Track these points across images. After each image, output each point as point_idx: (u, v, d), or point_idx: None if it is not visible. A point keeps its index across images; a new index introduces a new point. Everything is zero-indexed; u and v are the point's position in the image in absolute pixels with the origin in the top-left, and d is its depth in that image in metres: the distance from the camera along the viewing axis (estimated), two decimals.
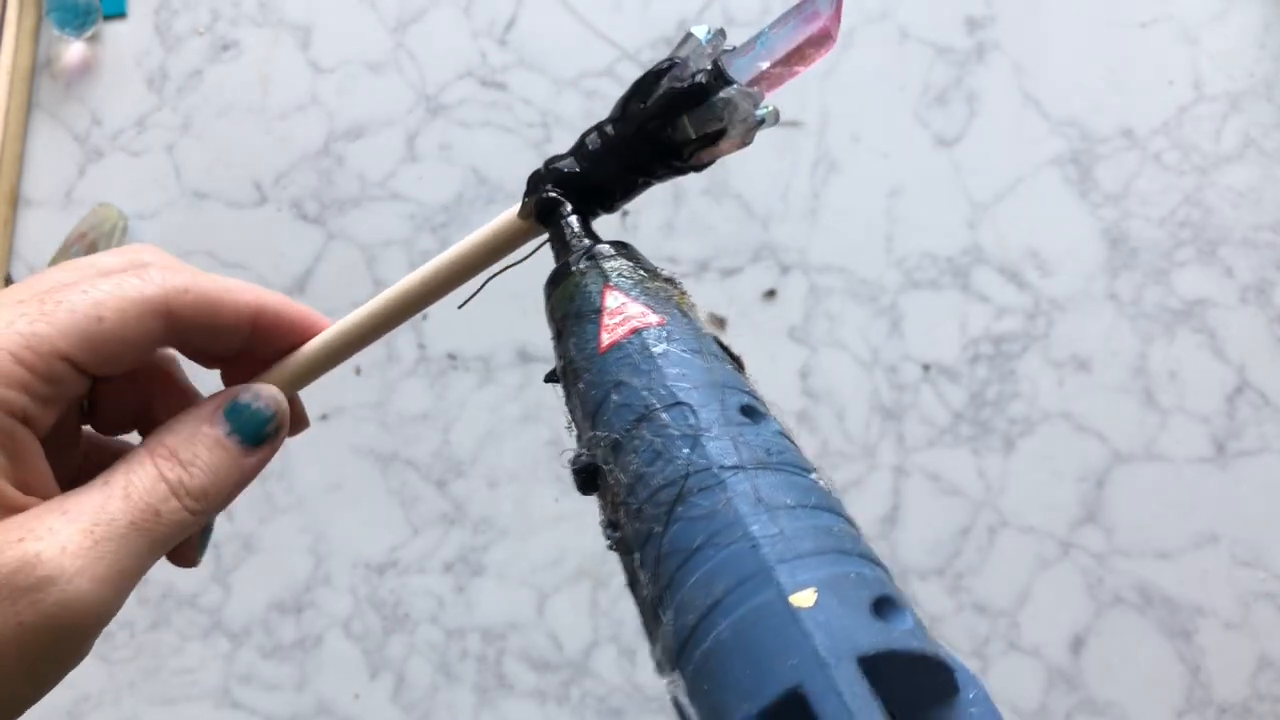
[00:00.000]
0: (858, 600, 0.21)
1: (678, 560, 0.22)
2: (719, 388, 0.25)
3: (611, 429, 0.25)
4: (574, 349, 0.27)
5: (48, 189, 0.75)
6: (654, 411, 0.25)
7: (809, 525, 0.22)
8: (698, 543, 0.22)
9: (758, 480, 0.23)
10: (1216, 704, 0.61)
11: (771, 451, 0.24)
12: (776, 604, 0.20)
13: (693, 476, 0.23)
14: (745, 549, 0.22)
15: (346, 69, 0.75)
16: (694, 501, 0.23)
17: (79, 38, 0.75)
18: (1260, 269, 0.66)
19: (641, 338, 0.26)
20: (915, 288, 0.68)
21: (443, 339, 0.70)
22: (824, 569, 0.21)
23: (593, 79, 0.73)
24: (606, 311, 0.27)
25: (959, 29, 0.72)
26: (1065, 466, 0.65)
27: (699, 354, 0.26)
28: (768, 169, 0.70)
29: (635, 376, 0.25)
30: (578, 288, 0.28)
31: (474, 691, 0.65)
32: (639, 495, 0.24)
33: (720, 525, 0.22)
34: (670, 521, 0.23)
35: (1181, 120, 0.69)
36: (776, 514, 0.22)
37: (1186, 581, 0.63)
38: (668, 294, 0.28)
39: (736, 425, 0.24)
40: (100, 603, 0.24)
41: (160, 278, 0.27)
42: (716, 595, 0.21)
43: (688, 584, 0.22)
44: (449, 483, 0.68)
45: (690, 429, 0.24)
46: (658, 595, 0.23)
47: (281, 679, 0.66)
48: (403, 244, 0.71)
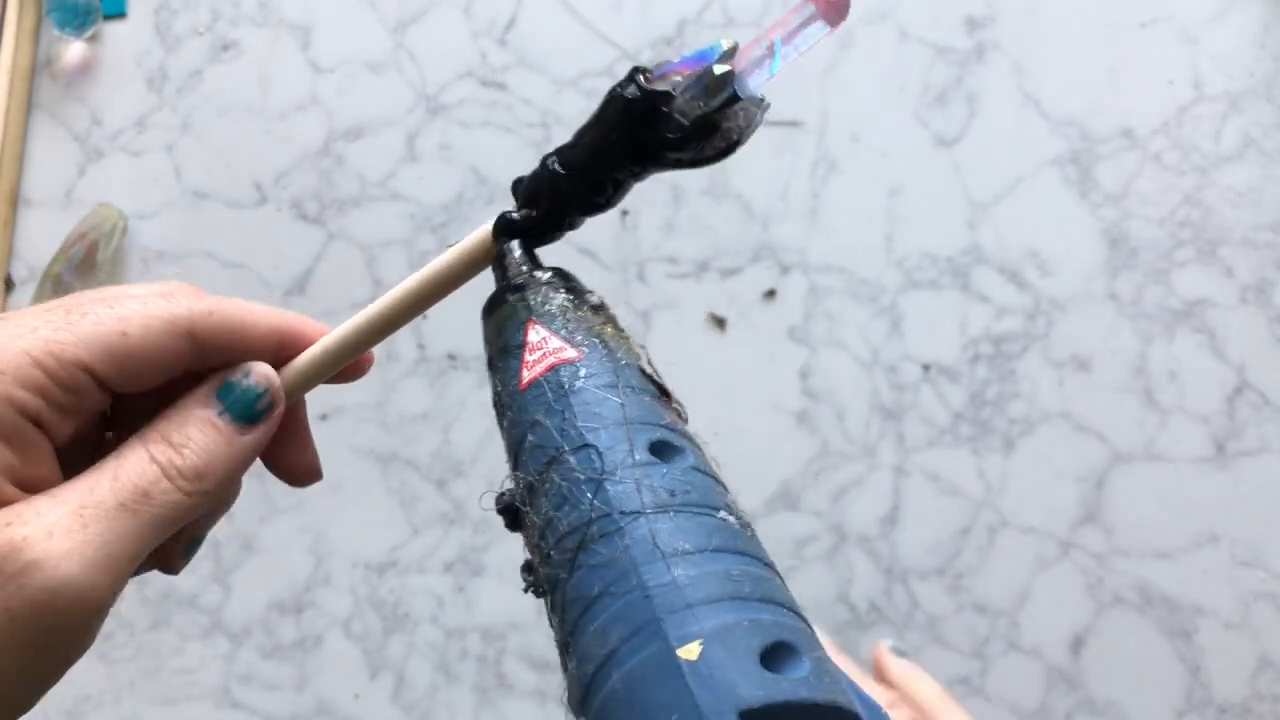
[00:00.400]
0: (746, 650, 0.21)
1: (580, 608, 0.23)
2: (629, 425, 0.25)
3: (527, 471, 0.26)
4: (500, 384, 0.28)
5: (48, 189, 0.75)
6: (563, 454, 0.25)
7: (705, 571, 0.22)
8: (596, 591, 0.22)
9: (657, 525, 0.23)
10: (1216, 704, 0.61)
11: (676, 492, 0.24)
12: (664, 656, 0.21)
13: (595, 523, 0.23)
14: (639, 599, 0.22)
15: (346, 69, 0.75)
16: (594, 549, 0.23)
17: (79, 38, 0.75)
18: (1260, 269, 0.66)
19: (557, 375, 0.26)
20: (915, 288, 0.68)
21: (443, 339, 0.70)
22: (715, 618, 0.21)
23: (593, 79, 0.73)
24: (528, 346, 0.27)
25: (959, 29, 0.72)
26: (1065, 466, 0.65)
27: (614, 389, 0.26)
28: (768, 169, 0.70)
29: (549, 416, 0.26)
30: (506, 320, 0.28)
31: (474, 691, 0.65)
32: (549, 540, 0.24)
33: (616, 574, 0.22)
34: (574, 568, 0.23)
35: (1181, 120, 0.69)
36: (673, 561, 0.22)
37: (1186, 581, 0.63)
38: (590, 325, 0.28)
39: (642, 466, 0.24)
40: (91, 587, 0.23)
41: (186, 301, 0.27)
42: (611, 645, 0.21)
43: (587, 632, 0.22)
44: (449, 483, 0.68)
45: (595, 472, 0.24)
46: (564, 641, 0.23)
47: (281, 679, 0.66)
48: (403, 244, 0.71)
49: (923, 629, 0.63)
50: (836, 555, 0.65)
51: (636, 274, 0.70)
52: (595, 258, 0.70)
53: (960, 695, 0.63)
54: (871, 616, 0.64)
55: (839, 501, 0.65)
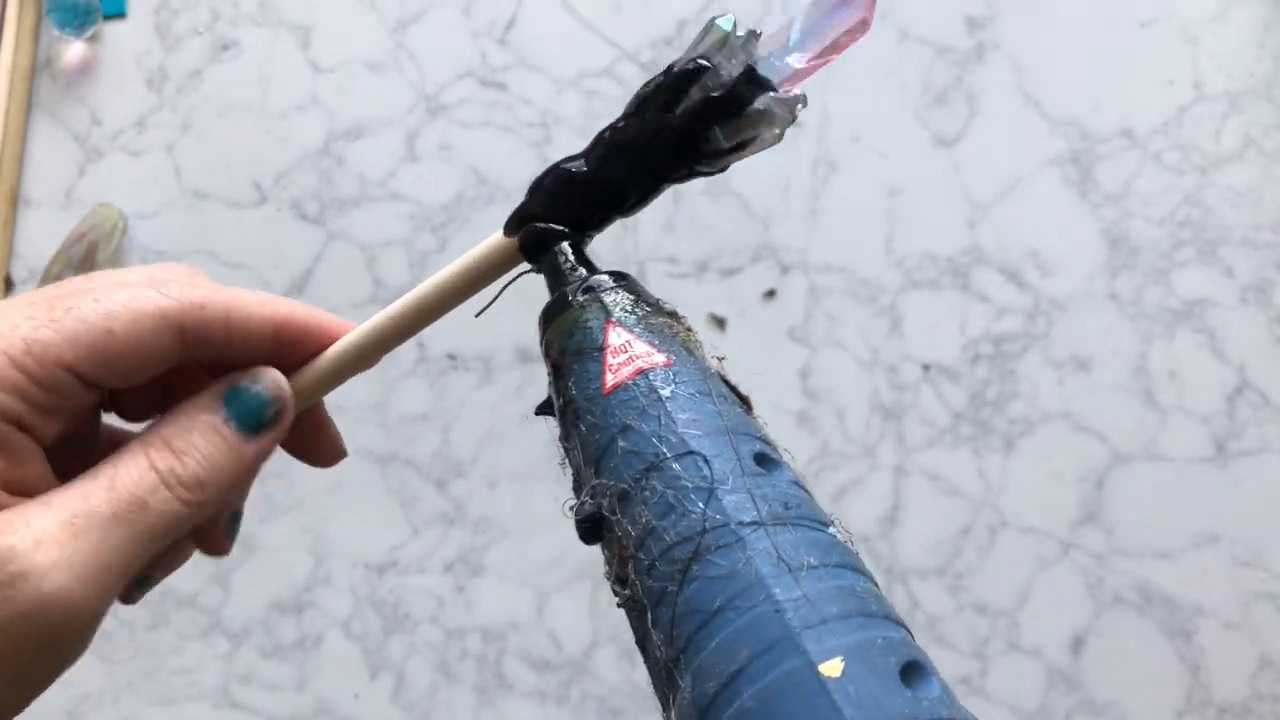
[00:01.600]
0: (886, 668, 0.20)
1: (696, 622, 0.21)
2: (731, 434, 0.24)
3: (619, 477, 0.24)
4: (574, 388, 0.26)
5: (48, 189, 0.75)
6: (664, 460, 0.23)
7: (832, 586, 0.21)
8: (717, 604, 0.21)
9: (778, 538, 0.22)
10: (1216, 704, 0.61)
11: (789, 505, 0.23)
12: (804, 673, 0.20)
13: (709, 533, 0.22)
14: (769, 613, 0.21)
15: (346, 69, 0.75)
16: (711, 560, 0.22)
17: (79, 37, 0.75)
18: (1260, 269, 0.66)
19: (648, 379, 0.25)
20: (915, 288, 0.68)
21: (443, 339, 0.70)
22: (851, 635, 0.20)
23: (593, 79, 0.73)
24: (609, 349, 0.26)
25: (959, 29, 0.72)
26: (1065, 466, 0.65)
27: (708, 397, 0.25)
28: (768, 168, 0.70)
29: (643, 421, 0.24)
30: (577, 322, 0.27)
31: (474, 691, 0.65)
32: (651, 551, 0.23)
33: (741, 587, 0.21)
34: (686, 580, 0.22)
35: (1181, 120, 0.69)
36: (799, 575, 0.21)
37: (1186, 581, 0.63)
38: (673, 331, 0.27)
39: (752, 476, 0.23)
40: (81, 597, 0.22)
41: (179, 292, 0.26)
42: (740, 662, 0.20)
43: (708, 648, 0.21)
44: (449, 483, 0.68)
45: (704, 481, 0.23)
46: (673, 657, 0.22)
47: (281, 679, 0.66)
48: (403, 244, 0.71)
49: (923, 629, 0.63)
50: None
51: (636, 274, 0.69)
52: (595, 258, 0.70)
53: (960, 695, 0.62)
54: None
55: (839, 501, 0.65)
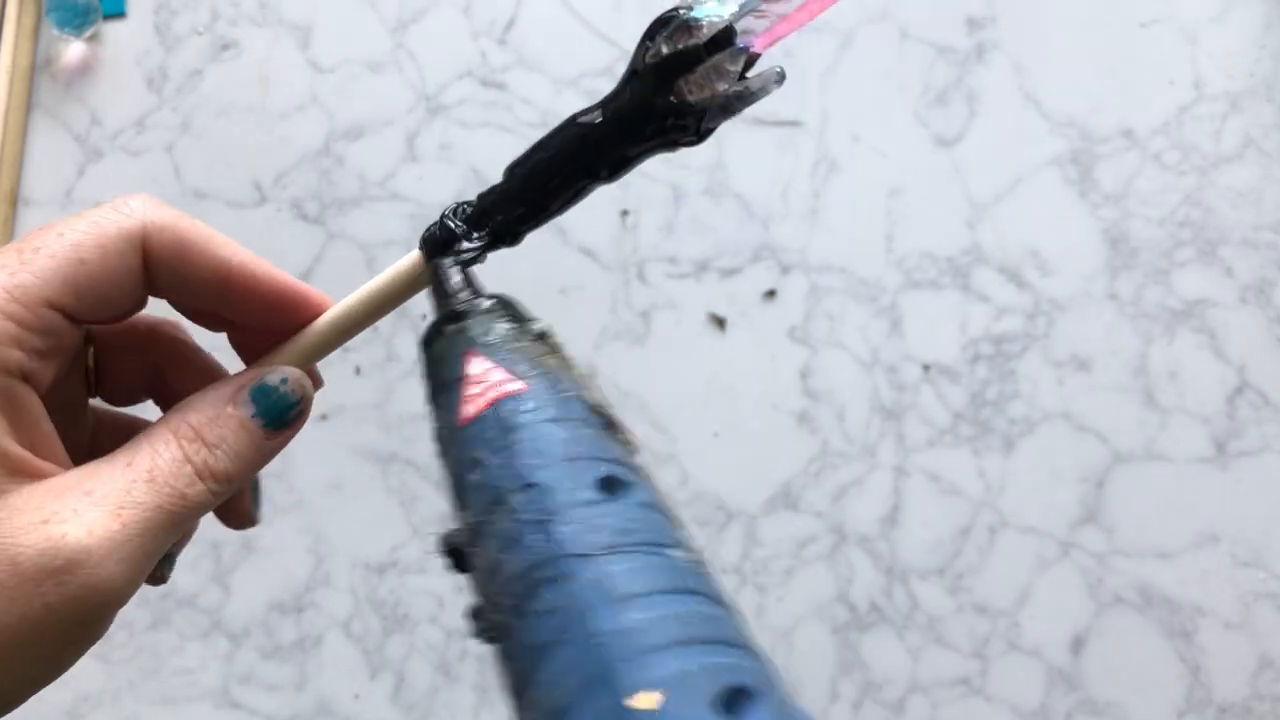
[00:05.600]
0: (704, 696, 0.20)
1: (530, 658, 0.22)
2: (576, 462, 0.24)
3: (472, 512, 0.25)
4: (439, 420, 0.27)
5: (47, 189, 0.75)
6: (506, 494, 0.24)
7: (658, 615, 0.22)
8: (545, 639, 0.22)
9: (607, 567, 0.22)
10: (1217, 704, 0.61)
11: (626, 531, 0.23)
12: (615, 711, 0.20)
13: (540, 567, 0.22)
14: (590, 646, 0.21)
15: (346, 69, 0.75)
16: (542, 594, 0.22)
17: (79, 37, 0.75)
18: (1260, 269, 0.66)
19: (498, 410, 0.25)
20: (915, 288, 0.68)
21: None
22: (671, 664, 0.21)
23: (593, 79, 0.73)
24: (469, 380, 0.26)
25: (959, 29, 0.72)
26: (1065, 466, 0.65)
27: (559, 423, 0.25)
28: (768, 169, 0.70)
29: (492, 454, 0.25)
30: (445, 352, 0.27)
31: (474, 691, 0.65)
32: (496, 585, 0.23)
33: (565, 620, 0.22)
34: (522, 615, 0.22)
35: (1181, 120, 0.69)
36: (625, 605, 0.22)
37: (1187, 581, 0.63)
38: (533, 354, 0.27)
39: (590, 505, 0.24)
40: (125, 584, 0.24)
41: (141, 211, 0.26)
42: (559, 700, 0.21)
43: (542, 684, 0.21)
44: None
45: (541, 513, 0.23)
46: (518, 692, 0.22)
47: (281, 679, 0.66)
48: (403, 244, 0.71)
49: (923, 629, 0.63)
50: (836, 555, 0.65)
51: (636, 274, 0.69)
52: (595, 258, 0.70)
53: (960, 695, 0.63)
54: (872, 616, 0.64)
55: (839, 501, 0.65)
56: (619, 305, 0.69)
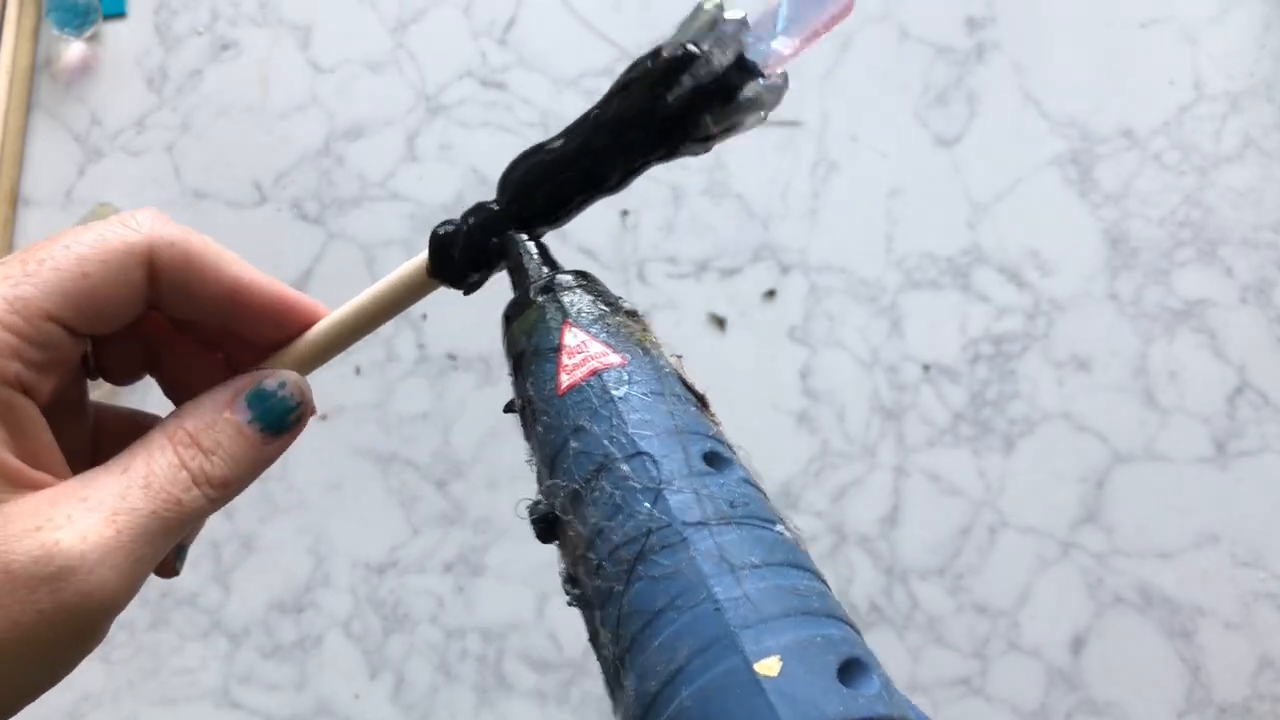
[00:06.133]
0: (823, 666, 0.20)
1: (640, 622, 0.22)
2: (682, 434, 0.25)
3: (571, 478, 0.24)
4: (532, 388, 0.26)
5: (47, 189, 0.75)
6: (614, 461, 0.24)
7: (774, 585, 0.22)
8: (660, 605, 0.22)
9: (721, 537, 0.22)
10: (1217, 704, 0.61)
11: (735, 504, 0.23)
12: (741, 673, 0.20)
13: (654, 533, 0.22)
14: (709, 612, 0.21)
15: (346, 69, 0.75)
16: (656, 560, 0.22)
17: (79, 37, 0.75)
18: (1260, 269, 0.66)
19: (601, 380, 0.25)
20: (915, 288, 0.68)
21: (443, 339, 0.70)
22: (789, 633, 0.21)
23: (593, 79, 0.73)
24: (565, 350, 0.26)
25: (959, 29, 0.72)
26: (1065, 466, 0.65)
27: (661, 396, 0.25)
28: (768, 169, 0.70)
29: (595, 422, 0.25)
30: (536, 322, 0.27)
31: (474, 691, 0.65)
32: (599, 551, 0.23)
33: (683, 586, 0.22)
34: (631, 580, 0.22)
35: (1182, 120, 0.69)
36: (741, 574, 0.22)
37: (1187, 581, 0.63)
38: (629, 330, 0.27)
39: (699, 476, 0.24)
40: (119, 591, 0.24)
41: (149, 225, 0.26)
42: (679, 661, 0.21)
43: (650, 647, 0.21)
44: (449, 483, 0.68)
45: (652, 481, 0.23)
46: (619, 656, 0.22)
47: (281, 679, 0.66)
48: (403, 244, 0.71)
49: (923, 629, 0.63)
50: (836, 555, 0.65)
51: (636, 274, 0.69)
52: (595, 257, 0.70)
53: (960, 695, 0.63)
54: (872, 616, 0.64)
55: (839, 501, 0.65)
56: None
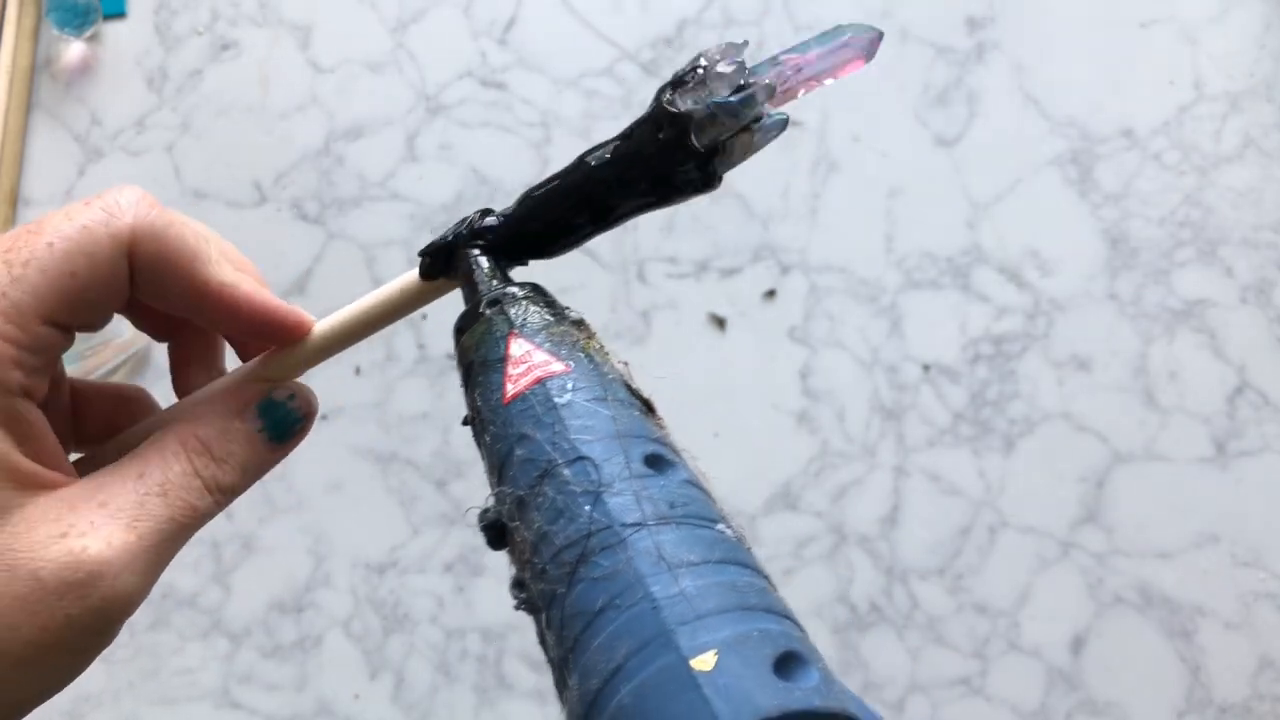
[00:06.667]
0: (759, 660, 0.20)
1: (581, 623, 0.22)
2: (623, 438, 0.25)
3: (516, 485, 0.25)
4: (480, 399, 0.27)
5: (47, 189, 0.75)
6: (556, 467, 0.24)
7: (712, 582, 0.22)
8: (599, 604, 0.22)
9: (660, 536, 0.23)
10: (1217, 704, 0.61)
11: (675, 504, 0.24)
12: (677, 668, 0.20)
13: (594, 535, 0.23)
14: (646, 610, 0.21)
15: (346, 69, 0.75)
16: (596, 561, 0.23)
17: (79, 37, 0.75)
18: (1260, 269, 0.66)
19: (545, 388, 0.26)
20: (915, 288, 0.68)
21: (443, 339, 0.70)
22: (726, 629, 0.21)
23: (593, 79, 0.73)
24: (511, 360, 0.27)
25: (959, 29, 0.72)
26: (1065, 466, 0.65)
27: (604, 401, 0.26)
28: (768, 169, 0.70)
29: (538, 430, 0.25)
30: (484, 335, 0.28)
31: (474, 691, 0.65)
32: (543, 555, 0.24)
33: (621, 586, 0.22)
34: (573, 583, 0.23)
35: (1182, 120, 0.69)
36: (678, 572, 0.22)
37: (1187, 581, 0.63)
38: (574, 339, 0.28)
39: (640, 479, 0.24)
40: (139, 594, 0.25)
41: (132, 212, 0.26)
42: (618, 660, 0.21)
43: (591, 647, 0.22)
44: (449, 483, 0.68)
45: (592, 485, 0.24)
46: (563, 657, 0.23)
47: (281, 679, 0.66)
48: (403, 244, 0.71)
49: (923, 629, 0.63)
50: (836, 555, 0.65)
51: (636, 274, 0.69)
52: (595, 257, 0.70)
53: (960, 695, 0.63)
54: (872, 616, 0.64)
55: (839, 501, 0.65)
56: (619, 305, 0.69)
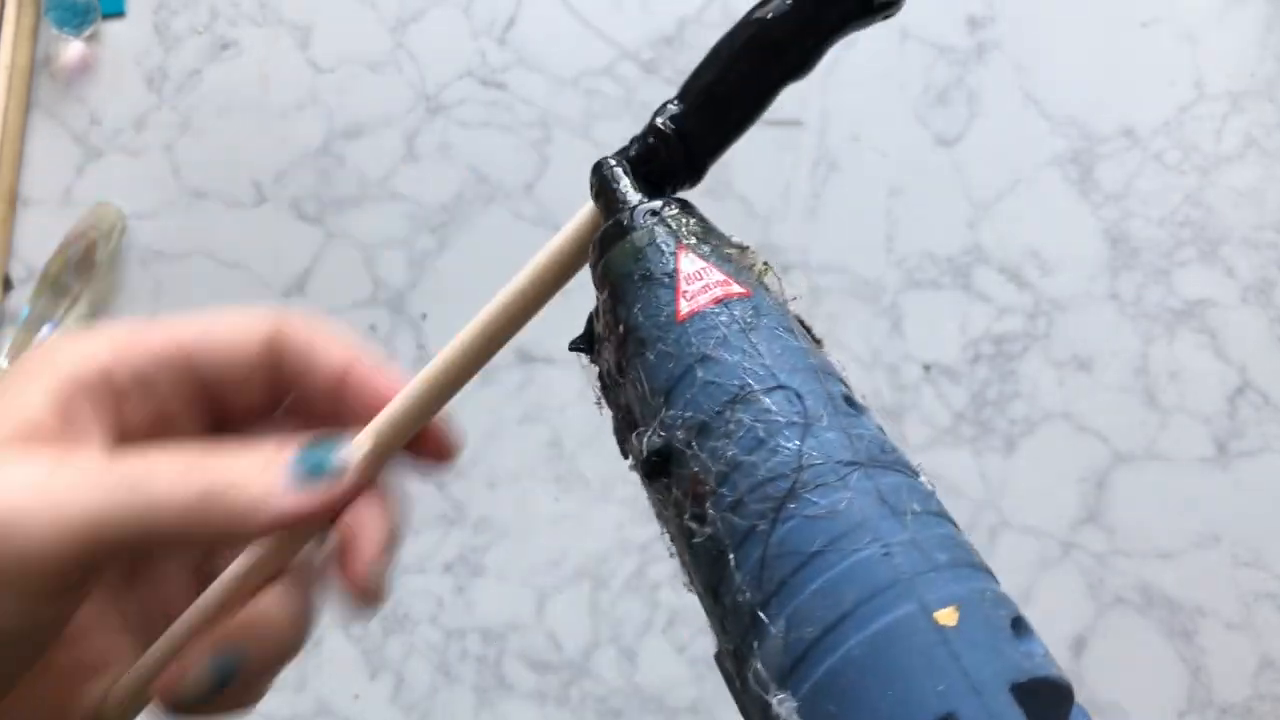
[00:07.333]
0: (999, 621, 0.19)
1: (792, 564, 0.20)
2: (819, 374, 0.22)
3: (697, 409, 0.22)
4: (640, 314, 0.24)
5: (47, 188, 0.74)
6: (752, 393, 0.21)
7: (936, 534, 0.20)
8: (817, 545, 0.20)
9: (879, 480, 0.20)
10: (1217, 704, 0.61)
11: (885, 449, 0.21)
12: (920, 620, 0.18)
13: (806, 470, 0.20)
14: (877, 556, 0.19)
15: (346, 68, 0.75)
16: (809, 499, 0.20)
17: (78, 37, 0.75)
18: (1261, 269, 0.66)
19: (729, 309, 0.23)
20: (915, 288, 0.68)
21: (443, 339, 0.69)
22: (961, 584, 0.19)
23: (593, 79, 0.72)
24: (683, 276, 0.24)
25: (959, 29, 0.72)
26: (1066, 466, 0.65)
27: (791, 333, 0.23)
28: (768, 168, 0.70)
29: (726, 351, 0.22)
30: (645, 245, 0.25)
31: (474, 692, 0.65)
32: (737, 486, 0.21)
33: (845, 528, 0.20)
34: (780, 519, 0.20)
35: (1182, 120, 0.69)
36: (904, 519, 0.20)
37: (1187, 581, 0.63)
38: (749, 263, 0.25)
39: (845, 416, 0.22)
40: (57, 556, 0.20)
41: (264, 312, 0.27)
42: (845, 607, 0.19)
43: (806, 591, 0.19)
44: (449, 483, 0.68)
45: (799, 416, 0.21)
46: (762, 601, 0.20)
47: (281, 679, 0.66)
48: (402, 244, 0.71)
49: None
50: None
51: None
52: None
53: None
54: None
55: None
56: None
